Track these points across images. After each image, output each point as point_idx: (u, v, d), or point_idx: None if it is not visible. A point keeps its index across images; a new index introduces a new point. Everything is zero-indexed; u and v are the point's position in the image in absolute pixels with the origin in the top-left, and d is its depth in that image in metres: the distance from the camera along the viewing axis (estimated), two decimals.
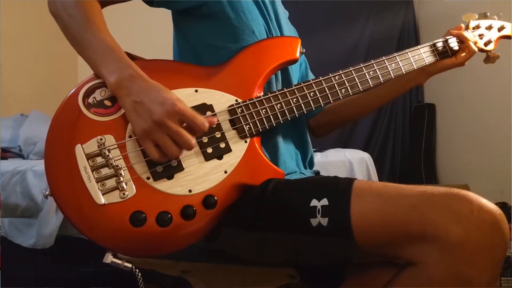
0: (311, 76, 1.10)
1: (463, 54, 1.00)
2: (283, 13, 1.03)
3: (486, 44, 1.05)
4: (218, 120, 0.79)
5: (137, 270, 0.73)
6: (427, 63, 0.98)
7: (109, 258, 0.70)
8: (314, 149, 2.07)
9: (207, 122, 0.71)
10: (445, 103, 3.26)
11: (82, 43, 0.75)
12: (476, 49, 1.00)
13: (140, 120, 0.69)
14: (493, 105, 2.59)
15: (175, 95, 0.72)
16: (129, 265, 0.72)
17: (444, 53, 1.00)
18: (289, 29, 1.03)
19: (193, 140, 0.70)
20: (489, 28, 1.07)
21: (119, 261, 0.71)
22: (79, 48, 0.76)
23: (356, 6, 3.63)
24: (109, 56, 0.74)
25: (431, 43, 1.01)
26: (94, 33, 0.75)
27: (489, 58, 1.06)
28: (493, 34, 1.06)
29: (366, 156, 2.07)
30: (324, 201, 0.69)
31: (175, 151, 0.70)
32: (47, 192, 0.71)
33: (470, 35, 1.01)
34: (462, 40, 1.00)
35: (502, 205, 2.14)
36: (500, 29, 1.07)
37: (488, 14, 1.08)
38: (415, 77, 1.01)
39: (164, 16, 0.96)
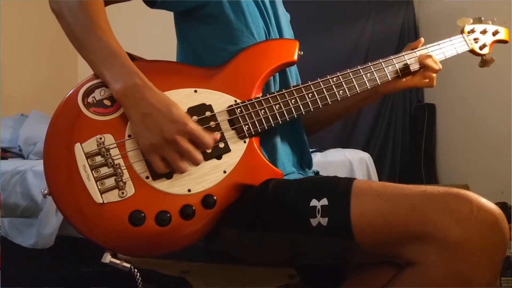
0: (296, 79, 1.07)
1: (424, 80, 0.96)
2: (284, 15, 1.03)
3: (481, 48, 1.07)
4: (217, 121, 0.79)
5: (136, 270, 0.72)
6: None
7: (107, 258, 0.70)
8: (314, 149, 2.07)
9: (213, 140, 0.74)
10: (445, 103, 3.26)
11: (85, 46, 0.75)
12: (434, 84, 0.96)
13: (149, 134, 0.70)
14: (493, 105, 2.59)
15: (183, 111, 0.72)
16: (128, 265, 0.72)
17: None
18: (289, 31, 1.04)
19: (201, 157, 0.73)
20: (484, 32, 1.08)
21: (118, 261, 0.71)
22: (82, 50, 0.75)
23: (356, 6, 3.63)
24: (113, 62, 0.73)
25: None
26: (99, 37, 0.74)
27: (484, 62, 1.07)
28: (488, 38, 1.08)
29: (366, 156, 2.08)
30: (324, 201, 0.69)
31: (184, 168, 0.72)
32: (45, 191, 0.71)
33: (431, 62, 0.95)
34: (428, 68, 0.95)
35: (502, 205, 2.13)
36: (495, 33, 1.08)
37: (483, 18, 1.09)
38: (368, 97, 0.99)
39: (167, 18, 0.96)
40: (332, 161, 2.00)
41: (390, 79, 0.94)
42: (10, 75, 2.78)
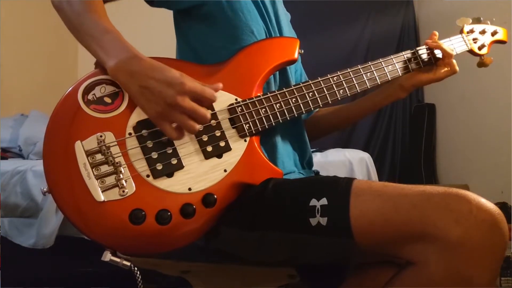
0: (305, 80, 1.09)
1: (444, 69, 0.97)
2: (284, 15, 1.03)
3: (480, 48, 1.07)
4: (218, 119, 0.79)
5: (136, 269, 0.72)
6: (422, 66, 0.98)
7: (107, 256, 0.70)
8: (314, 149, 2.07)
9: (215, 92, 0.73)
10: (445, 103, 3.26)
11: (81, 31, 0.76)
12: (457, 69, 0.97)
13: (152, 104, 0.70)
14: (493, 105, 2.60)
15: (177, 72, 0.71)
16: (128, 263, 0.72)
17: (437, 58, 0.99)
18: (290, 31, 1.04)
19: (208, 113, 0.72)
20: (483, 32, 1.08)
21: (118, 259, 0.71)
22: (80, 36, 0.77)
23: (356, 6, 3.62)
24: (105, 40, 0.74)
25: (425, 46, 1.00)
26: (94, 19, 0.76)
27: (483, 62, 1.08)
28: (487, 39, 1.08)
29: (366, 156, 2.08)
30: (324, 201, 0.69)
31: (195, 126, 0.71)
32: (45, 189, 0.71)
33: (448, 47, 0.97)
34: (444, 55, 0.97)
35: (502, 205, 2.13)
36: (493, 33, 1.09)
37: (481, 18, 1.10)
38: (393, 93, 1.00)
39: (166, 16, 0.96)
40: (332, 161, 2.00)
41: (390, 78, 0.94)
42: (10, 75, 2.78)
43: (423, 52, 0.99)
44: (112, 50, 0.73)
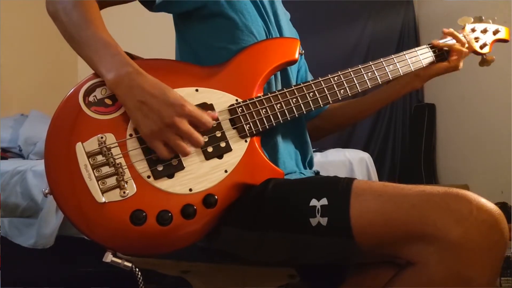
0: (310, 78, 1.10)
1: (454, 57, 1.00)
2: (284, 14, 1.03)
3: (481, 47, 1.07)
4: (218, 119, 0.79)
5: (137, 269, 0.72)
6: (423, 65, 0.99)
7: (109, 257, 0.70)
8: (314, 149, 2.08)
9: (211, 119, 0.74)
10: (445, 103, 3.26)
11: (80, 42, 0.75)
12: (464, 50, 0.99)
13: (148, 121, 0.70)
14: (493, 105, 2.60)
15: (178, 93, 0.72)
16: (129, 264, 0.72)
17: (441, 56, 1.01)
18: (290, 30, 1.04)
19: (202, 138, 0.73)
20: (485, 31, 1.08)
21: (119, 260, 0.71)
22: (78, 47, 0.76)
23: (356, 6, 3.63)
24: (106, 53, 0.74)
25: (428, 45, 1.01)
26: (92, 31, 0.75)
27: (485, 61, 1.08)
28: (488, 37, 1.08)
29: (366, 156, 2.08)
30: (324, 201, 0.69)
31: (187, 149, 0.72)
32: (46, 191, 0.71)
33: (462, 37, 1.00)
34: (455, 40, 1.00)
35: (502, 205, 2.13)
36: (495, 32, 1.09)
37: (483, 17, 1.10)
38: (409, 83, 1.01)
39: (166, 18, 0.96)
40: (332, 161, 2.01)
41: (391, 78, 0.94)
42: (10, 75, 2.78)
43: (425, 51, 1.00)
44: (112, 64, 0.73)
